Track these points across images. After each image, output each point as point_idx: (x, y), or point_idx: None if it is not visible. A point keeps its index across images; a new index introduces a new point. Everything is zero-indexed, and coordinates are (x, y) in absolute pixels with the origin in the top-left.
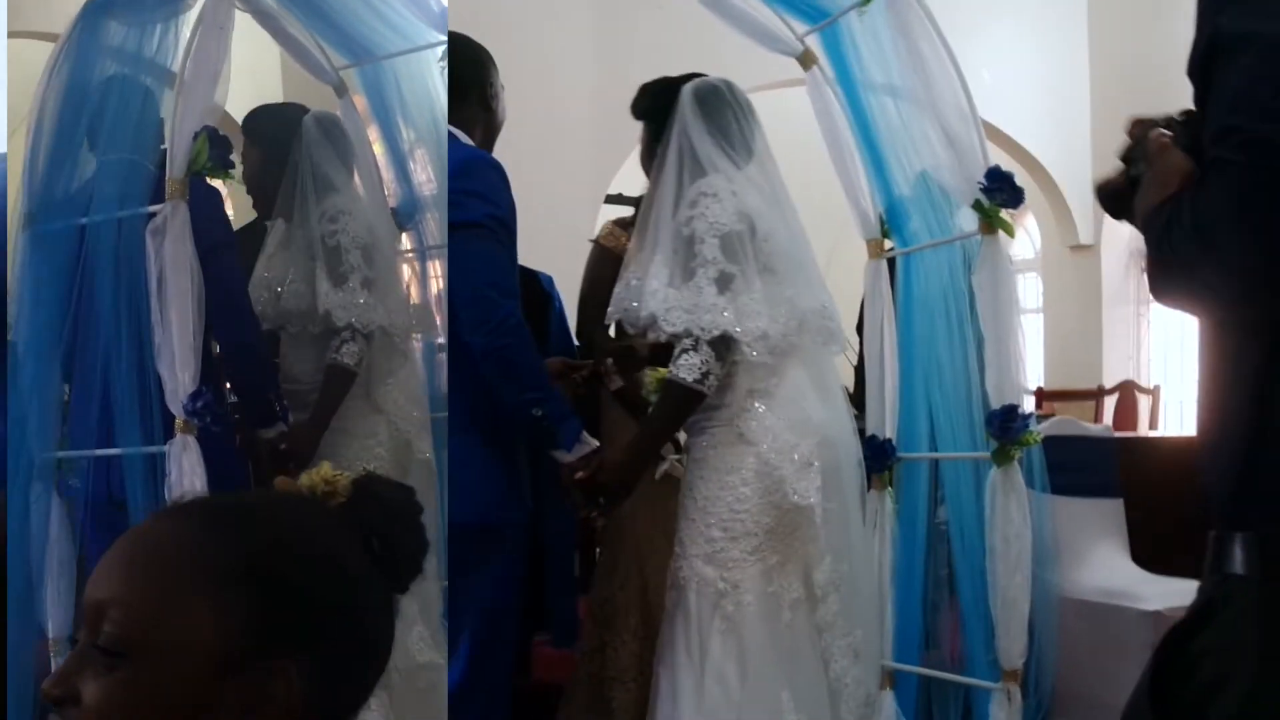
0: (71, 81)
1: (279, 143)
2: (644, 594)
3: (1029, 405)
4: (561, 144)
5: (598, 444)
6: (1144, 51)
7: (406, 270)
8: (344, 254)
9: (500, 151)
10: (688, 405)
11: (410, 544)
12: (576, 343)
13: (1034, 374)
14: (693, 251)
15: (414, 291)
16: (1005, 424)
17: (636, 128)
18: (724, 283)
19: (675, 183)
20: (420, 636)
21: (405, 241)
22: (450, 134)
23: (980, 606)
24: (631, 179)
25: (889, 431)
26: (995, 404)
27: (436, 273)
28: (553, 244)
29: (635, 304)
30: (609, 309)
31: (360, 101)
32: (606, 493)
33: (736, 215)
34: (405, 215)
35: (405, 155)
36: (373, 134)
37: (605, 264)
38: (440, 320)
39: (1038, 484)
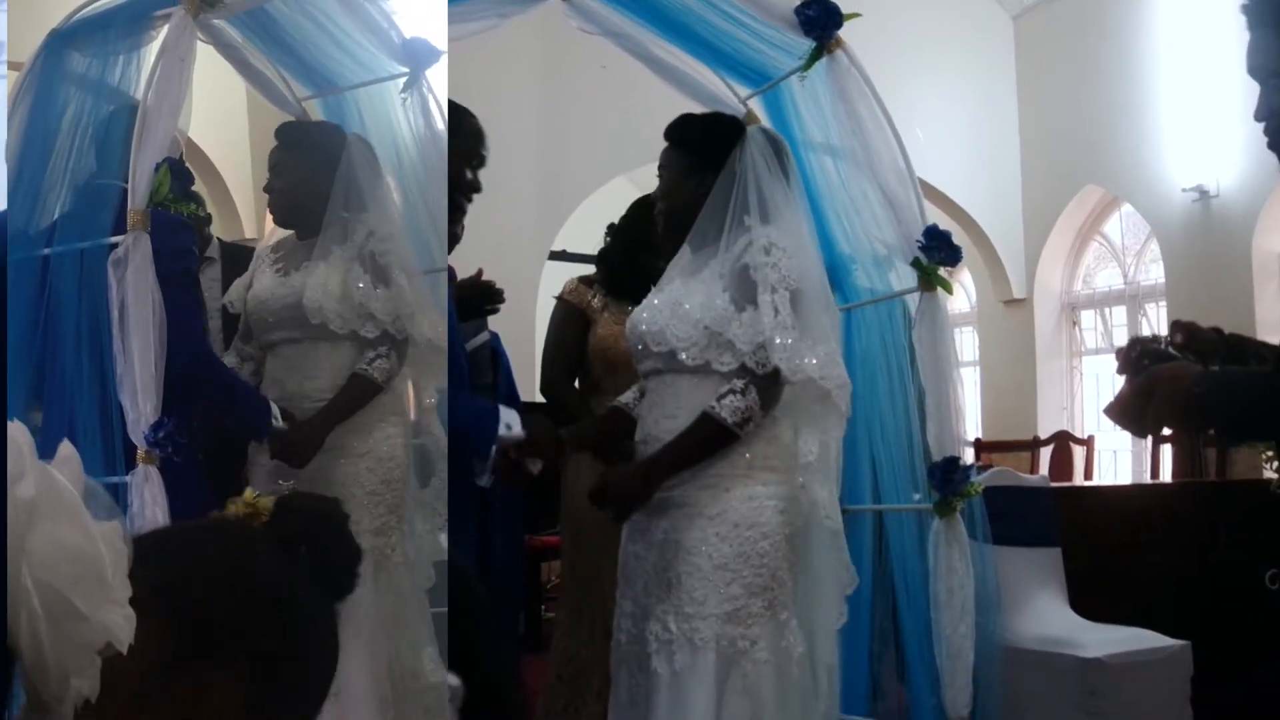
0: (34, 112)
1: (326, 158)
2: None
3: (969, 457)
4: (506, 202)
5: (518, 419)
6: (1070, 109)
7: None
8: (391, 271)
9: None
10: (719, 444)
11: (340, 552)
12: (541, 399)
13: (971, 426)
14: (756, 293)
15: None
16: (947, 476)
17: (579, 186)
18: (785, 328)
19: (732, 220)
20: (431, 657)
21: None
22: None
23: (925, 656)
24: (575, 236)
25: None
26: (936, 456)
27: None
28: None
29: (668, 325)
30: (628, 327)
31: None
32: (612, 503)
33: (801, 274)
34: None
35: None
36: None
37: (571, 320)
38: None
39: (979, 534)
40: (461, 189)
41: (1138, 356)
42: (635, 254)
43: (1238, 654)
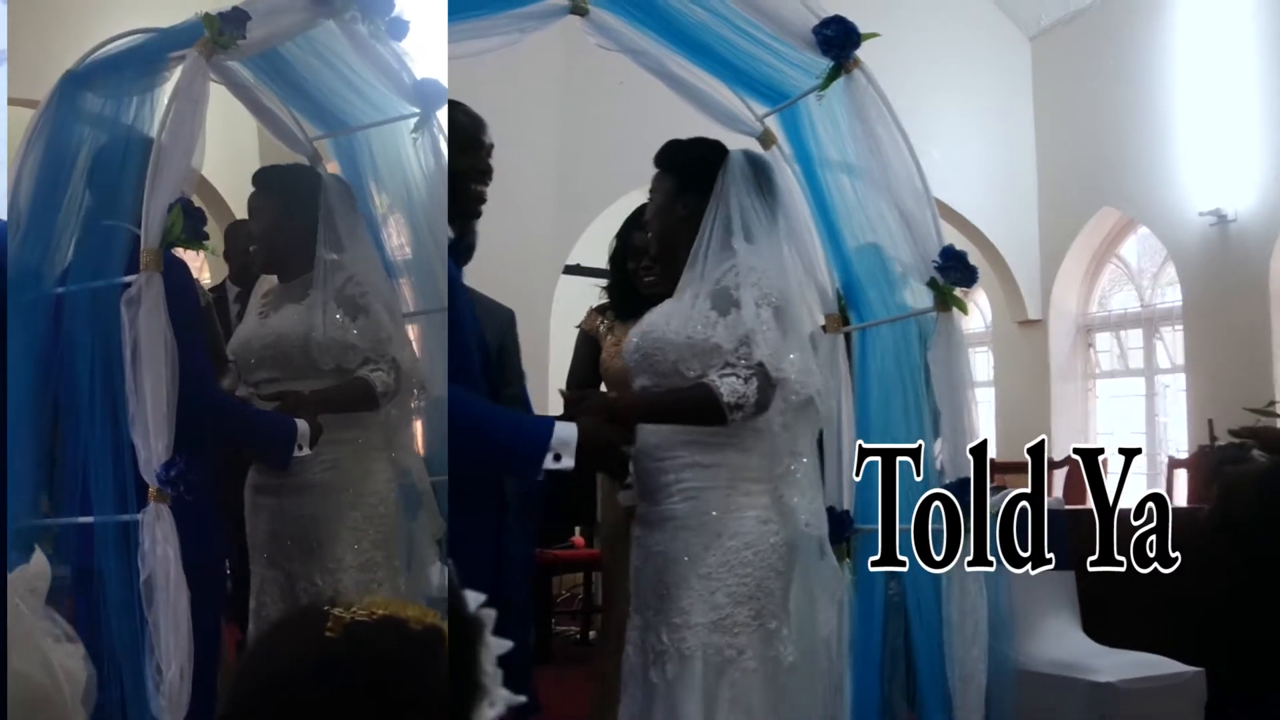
0: (48, 151)
1: (300, 200)
2: None
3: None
4: (521, 216)
5: (573, 440)
6: (1087, 131)
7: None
8: (371, 305)
9: None
10: (705, 418)
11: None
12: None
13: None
14: (737, 303)
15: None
16: (960, 498)
17: (596, 200)
18: (769, 327)
19: (712, 242)
20: None
21: None
22: None
23: (937, 678)
24: (590, 250)
25: (846, 503)
26: (950, 477)
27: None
28: None
29: (653, 346)
30: (623, 352)
31: (334, 169)
32: (607, 461)
33: (781, 294)
34: None
35: (378, 222)
36: None
37: (583, 347)
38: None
39: (990, 552)
40: (469, 197)
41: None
42: (624, 264)
43: (1253, 679)
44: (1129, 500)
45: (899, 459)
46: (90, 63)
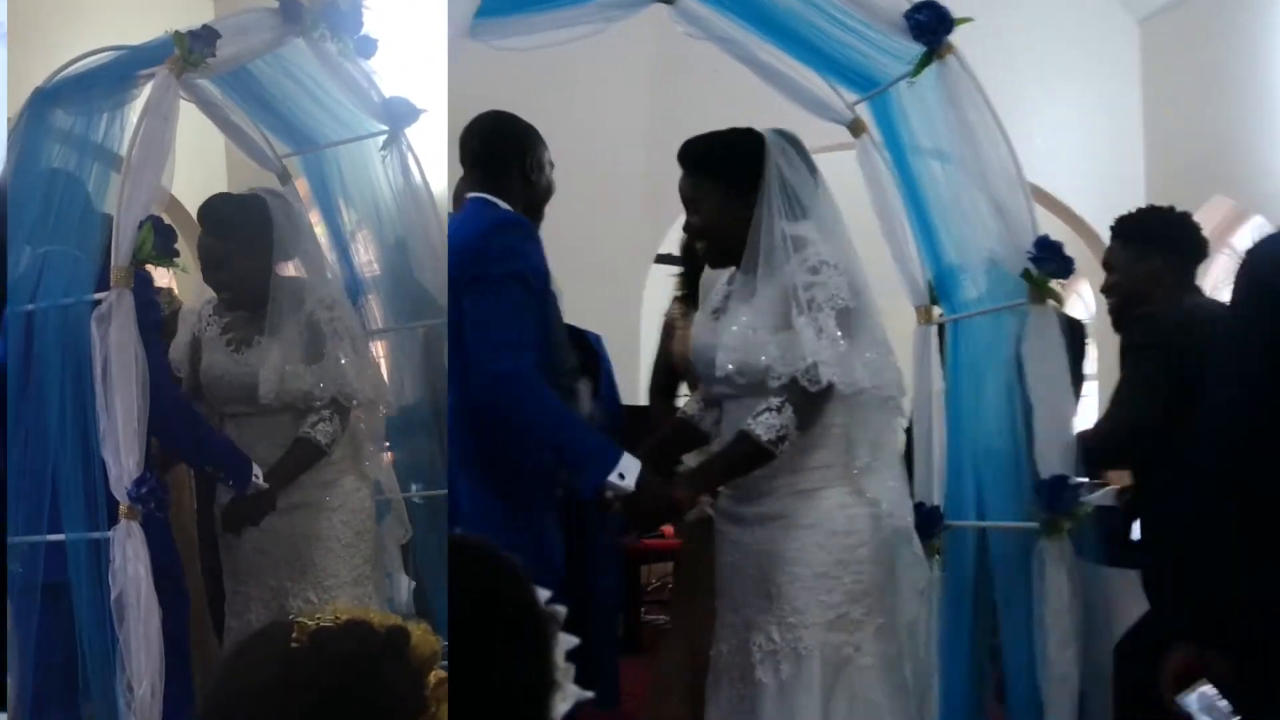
0: (19, 169)
1: (252, 229)
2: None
3: (1081, 475)
4: (613, 205)
5: (636, 473)
6: (1197, 117)
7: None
8: (333, 341)
9: (551, 211)
10: (756, 461)
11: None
12: (645, 401)
13: None
14: (802, 312)
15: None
16: (1055, 495)
17: None
18: (832, 341)
19: (771, 231)
20: None
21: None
22: (486, 200)
23: (1027, 678)
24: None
25: (936, 498)
26: (1044, 473)
27: (380, 353)
28: (603, 304)
29: (722, 352)
30: (691, 348)
31: (302, 186)
32: (650, 514)
33: (851, 290)
34: (350, 296)
35: (347, 238)
36: (314, 218)
37: (665, 337)
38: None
39: (1090, 554)
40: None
41: None
42: (694, 253)
43: None
44: None
45: (990, 454)
46: (60, 80)
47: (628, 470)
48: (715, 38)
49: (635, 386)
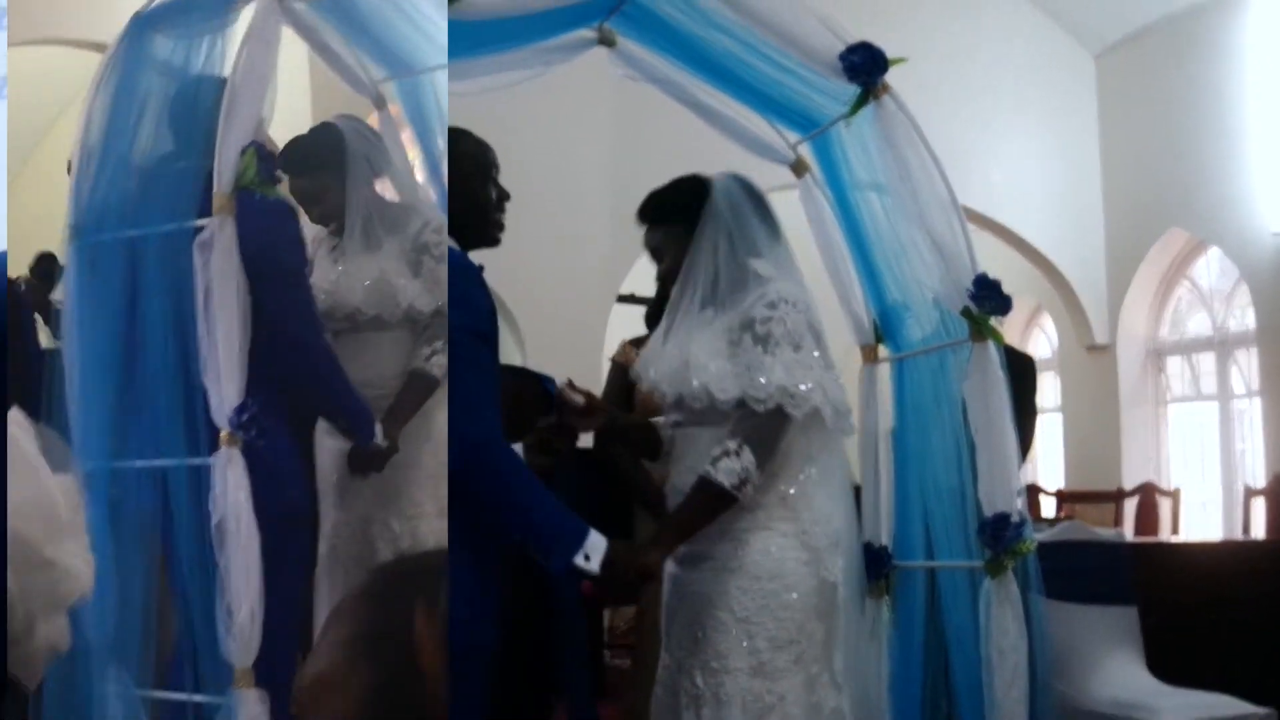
0: (118, 93)
1: (329, 158)
2: None
3: (1021, 510)
4: (574, 244)
5: (603, 552)
6: (1153, 150)
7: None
8: (435, 259)
9: (513, 250)
10: (719, 507)
11: None
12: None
13: (1055, 476)
14: (758, 342)
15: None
16: (997, 533)
17: None
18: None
19: (723, 258)
20: None
21: None
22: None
23: (977, 718)
24: (645, 279)
25: (885, 539)
26: (987, 512)
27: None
28: (564, 344)
29: (678, 381)
30: (640, 372)
31: (396, 111)
32: (620, 589)
33: (808, 327)
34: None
35: (439, 164)
36: (408, 142)
37: (614, 379)
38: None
39: (1034, 587)
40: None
41: None
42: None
43: None
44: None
45: (938, 493)
46: (159, 4)
47: (593, 550)
48: (655, 80)
49: None
